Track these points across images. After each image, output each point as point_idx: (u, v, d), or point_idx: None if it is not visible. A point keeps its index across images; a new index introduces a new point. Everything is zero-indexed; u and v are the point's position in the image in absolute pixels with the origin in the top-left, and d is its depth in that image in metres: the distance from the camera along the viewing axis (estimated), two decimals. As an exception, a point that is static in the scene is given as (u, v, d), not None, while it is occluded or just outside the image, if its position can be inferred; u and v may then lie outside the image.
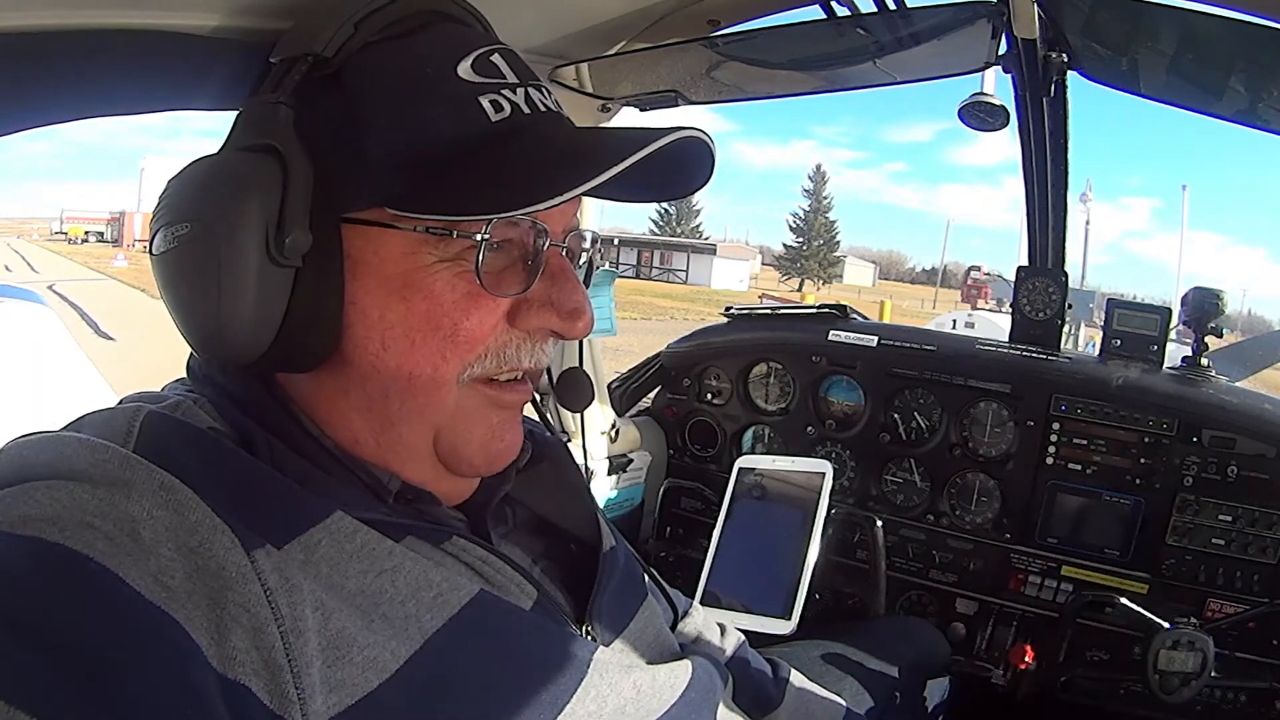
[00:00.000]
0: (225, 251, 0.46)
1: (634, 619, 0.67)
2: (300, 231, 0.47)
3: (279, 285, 0.48)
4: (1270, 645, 1.23)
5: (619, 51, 1.05)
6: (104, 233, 45.55)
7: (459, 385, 0.52)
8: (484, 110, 0.50)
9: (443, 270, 0.49)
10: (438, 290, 0.49)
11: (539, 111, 0.52)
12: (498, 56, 0.53)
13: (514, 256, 0.52)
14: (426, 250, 0.49)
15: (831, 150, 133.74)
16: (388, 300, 0.49)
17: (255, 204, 0.46)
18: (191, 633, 0.38)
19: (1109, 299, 1.61)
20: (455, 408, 0.52)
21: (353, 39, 0.50)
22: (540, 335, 0.54)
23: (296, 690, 0.40)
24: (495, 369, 0.53)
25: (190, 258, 0.47)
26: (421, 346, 0.50)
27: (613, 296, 1.37)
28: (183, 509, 0.41)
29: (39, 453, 0.43)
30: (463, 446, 0.54)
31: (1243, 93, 1.01)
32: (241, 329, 0.47)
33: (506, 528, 0.63)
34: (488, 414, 0.54)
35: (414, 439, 0.52)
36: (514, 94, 0.52)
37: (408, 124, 0.49)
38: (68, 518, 0.38)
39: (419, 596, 0.48)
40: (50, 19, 0.54)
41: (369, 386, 0.51)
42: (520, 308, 0.53)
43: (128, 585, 0.37)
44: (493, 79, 0.52)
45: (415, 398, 0.51)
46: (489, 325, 0.51)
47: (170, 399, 0.51)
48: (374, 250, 0.49)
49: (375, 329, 0.50)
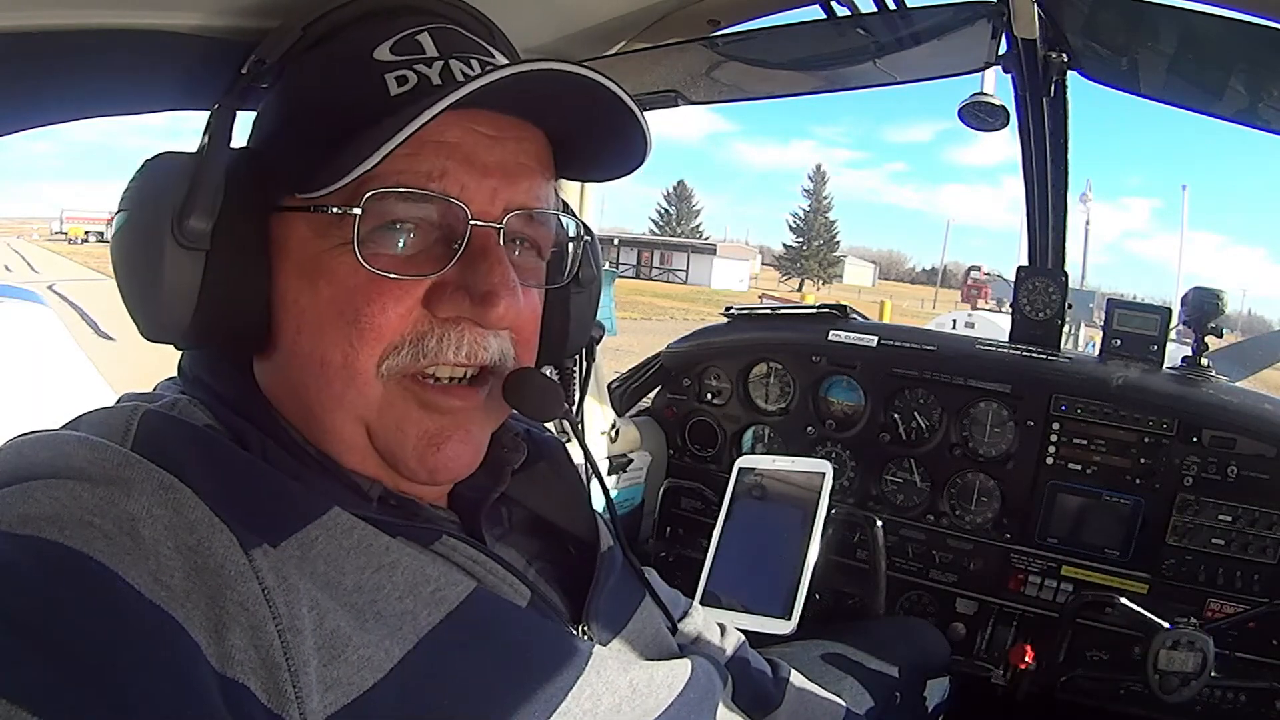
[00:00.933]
0: (139, 234, 0.49)
1: (632, 619, 0.67)
2: (199, 217, 0.48)
3: (187, 267, 0.49)
4: (1270, 645, 1.23)
5: (619, 51, 1.05)
6: (104, 233, 45.53)
7: (381, 379, 0.50)
8: (385, 86, 0.50)
9: (344, 254, 0.49)
10: (341, 274, 0.49)
11: (455, 81, 0.47)
12: (425, 35, 0.52)
13: (431, 238, 0.50)
14: (333, 233, 0.49)
15: (831, 150, 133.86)
16: (300, 285, 0.50)
17: (164, 192, 0.49)
18: (190, 631, 0.38)
19: (1109, 299, 1.61)
20: (381, 403, 0.50)
21: (299, 41, 0.54)
22: (466, 325, 0.51)
23: (294, 688, 0.40)
24: (414, 363, 0.50)
25: (120, 241, 0.51)
26: (330, 332, 0.49)
27: (613, 296, 1.37)
28: (182, 507, 0.42)
29: (38, 451, 0.43)
30: (396, 449, 0.51)
31: (1243, 93, 1.01)
32: (158, 306, 0.49)
33: (502, 529, 0.62)
34: (419, 417, 0.51)
35: (343, 430, 0.51)
36: (428, 67, 0.51)
37: (316, 111, 0.51)
38: (67, 516, 0.38)
39: (416, 592, 0.48)
40: (50, 19, 0.54)
41: (291, 371, 0.51)
42: (437, 293, 0.50)
43: (127, 584, 0.37)
44: (408, 55, 0.51)
45: (331, 385, 0.50)
46: (396, 312, 0.49)
47: (166, 398, 0.51)
48: (289, 235, 0.51)
49: (291, 313, 0.50)
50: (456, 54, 0.52)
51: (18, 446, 0.44)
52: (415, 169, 0.48)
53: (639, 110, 0.50)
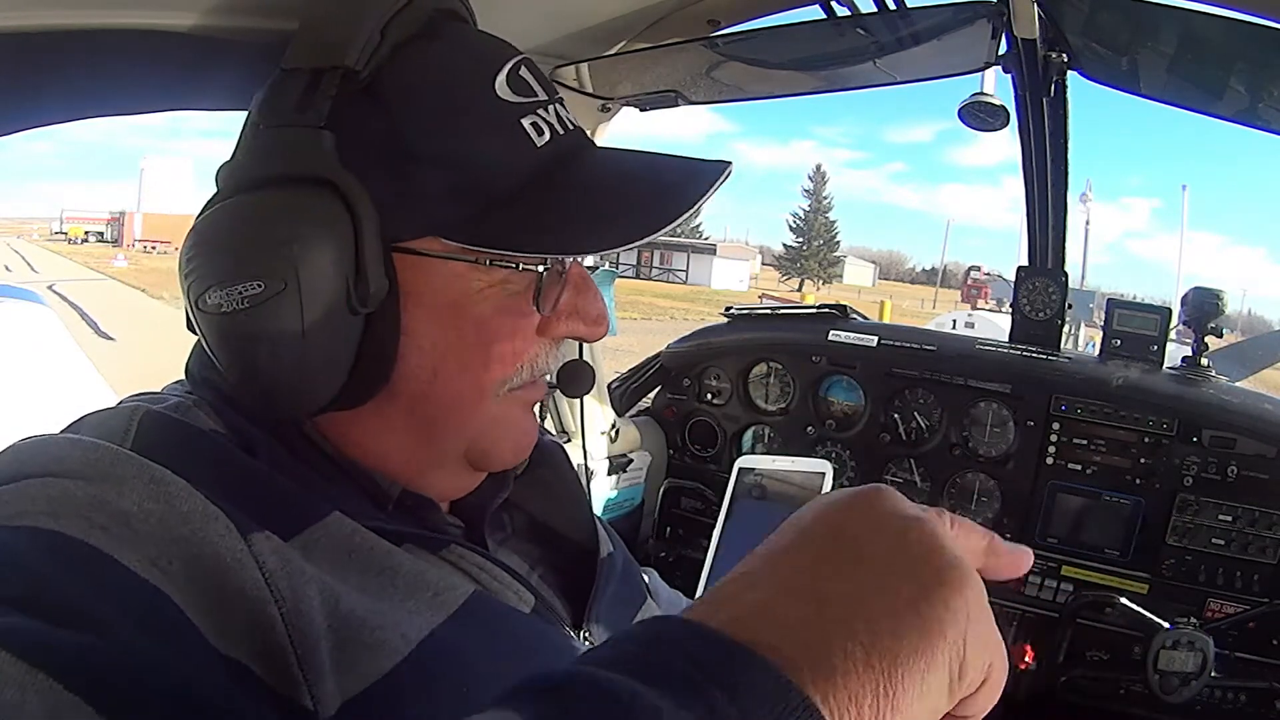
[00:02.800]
0: (309, 309, 0.45)
1: (632, 623, 0.67)
2: (379, 278, 0.46)
3: (355, 331, 0.47)
4: (1270, 645, 1.23)
5: (619, 51, 1.05)
6: (104, 233, 45.59)
7: (495, 400, 0.52)
8: (528, 135, 0.50)
9: (490, 294, 0.50)
10: (487, 315, 0.50)
11: (570, 131, 0.53)
12: (525, 70, 0.53)
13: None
14: (475, 276, 0.49)
15: (832, 150, 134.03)
16: (439, 329, 0.49)
17: (331, 253, 0.44)
18: (187, 612, 0.38)
19: (1109, 299, 1.61)
20: (492, 419, 0.53)
21: (380, 47, 0.48)
22: (563, 341, 0.56)
23: (302, 672, 0.40)
24: (529, 378, 0.54)
25: (267, 317, 0.45)
26: (470, 370, 0.51)
27: (613, 296, 1.37)
28: (174, 500, 0.41)
29: (34, 454, 0.43)
30: (495, 450, 0.55)
31: (1243, 93, 1.01)
32: (319, 382, 0.47)
33: (504, 534, 0.62)
34: (519, 416, 0.56)
35: (450, 451, 0.53)
36: (547, 113, 0.52)
37: (454, 149, 0.48)
38: (62, 510, 0.38)
39: (417, 596, 0.48)
40: (50, 19, 0.54)
41: (416, 412, 0.51)
42: (550, 318, 0.54)
43: (123, 565, 0.37)
44: (528, 98, 0.52)
45: (458, 415, 0.52)
46: (525, 341, 0.52)
47: (170, 400, 0.51)
48: (426, 280, 0.48)
49: (427, 358, 0.49)
50: (556, 98, 0.54)
51: (15, 450, 0.44)
52: None
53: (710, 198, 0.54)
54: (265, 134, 0.48)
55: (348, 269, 0.45)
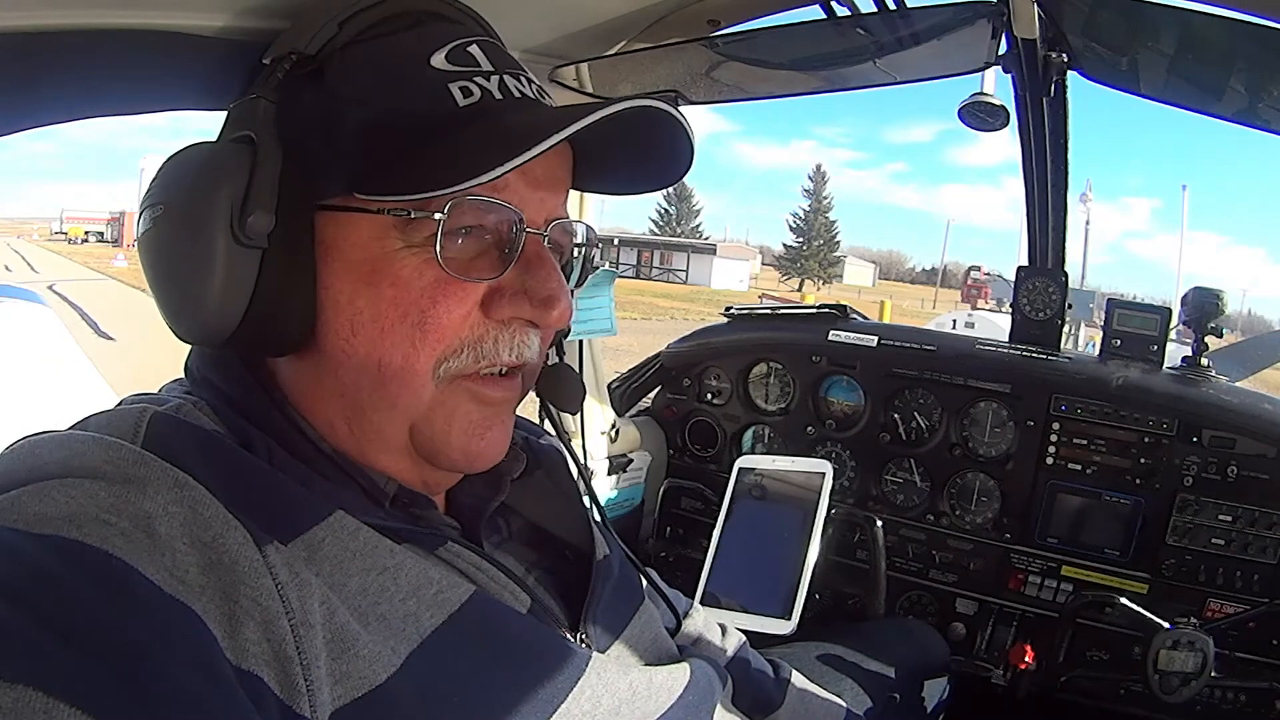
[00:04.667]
0: (190, 230, 0.48)
1: (630, 625, 0.67)
2: (262, 214, 0.47)
3: (244, 265, 0.48)
4: (1270, 645, 1.23)
5: (619, 51, 1.05)
6: (104, 233, 45.55)
7: (436, 380, 0.51)
8: (451, 95, 0.51)
9: (410, 256, 0.49)
10: (405, 276, 0.49)
11: (513, 98, 0.52)
12: (475, 47, 0.53)
13: (487, 243, 0.52)
14: (394, 235, 0.49)
15: (832, 150, 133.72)
16: (356, 286, 0.50)
17: (221, 185, 0.47)
18: (208, 623, 0.39)
19: (1109, 299, 1.61)
20: (433, 403, 0.52)
21: (336, 37, 0.52)
22: (517, 326, 0.53)
23: (305, 682, 0.41)
24: (473, 364, 0.52)
25: (162, 237, 0.49)
26: (391, 334, 0.49)
27: (613, 296, 1.37)
28: (197, 505, 0.42)
29: (52, 451, 0.43)
30: (440, 441, 0.53)
31: (1243, 93, 1.01)
32: (208, 306, 0.48)
33: (500, 537, 0.63)
34: (469, 409, 0.53)
35: (388, 429, 0.52)
36: (486, 81, 0.52)
37: (377, 111, 0.51)
38: (83, 515, 0.39)
39: (419, 594, 0.49)
40: (50, 19, 0.54)
41: (341, 373, 0.51)
42: (493, 297, 0.52)
43: (145, 578, 0.38)
44: (466, 67, 0.52)
45: (386, 386, 0.50)
46: (459, 314, 0.50)
47: (171, 401, 0.51)
48: (344, 236, 0.50)
49: (344, 314, 0.50)
50: (508, 70, 0.54)
51: (31, 446, 0.45)
52: None
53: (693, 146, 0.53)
54: (229, 110, 0.54)
55: (234, 203, 0.47)
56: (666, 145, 0.54)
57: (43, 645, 0.33)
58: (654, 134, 0.53)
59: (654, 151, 0.55)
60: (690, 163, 0.56)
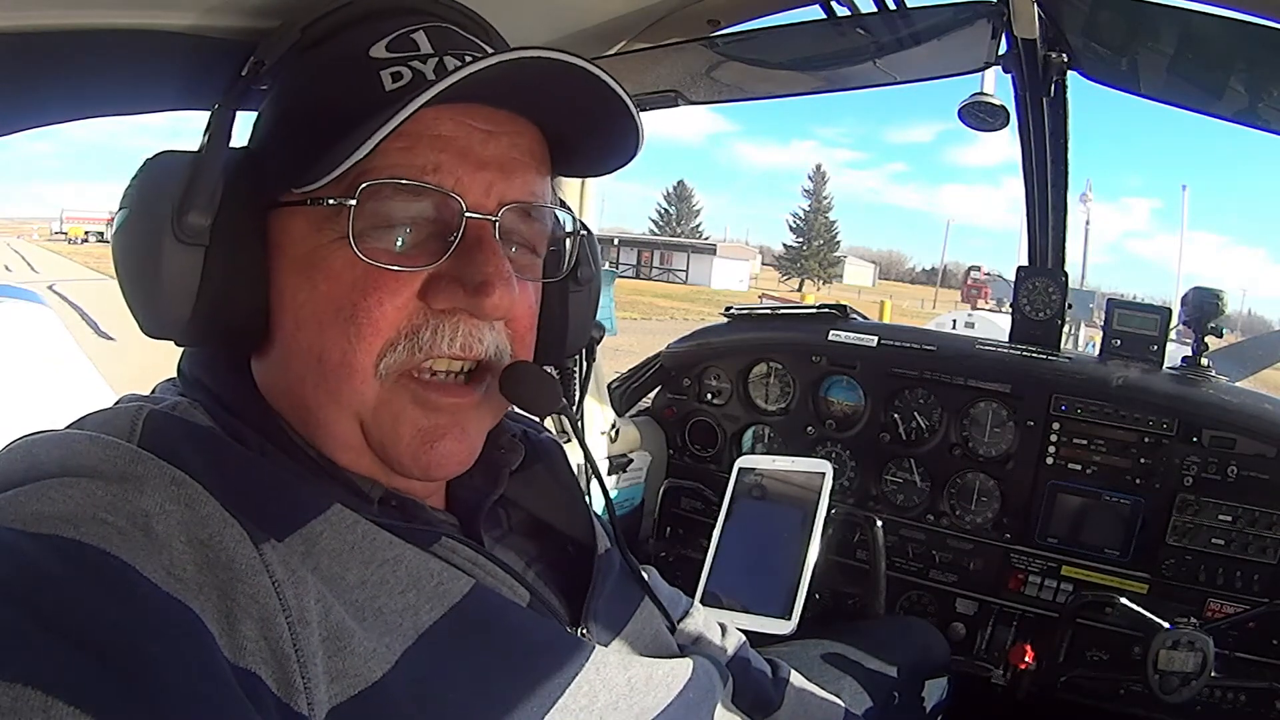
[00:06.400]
0: (140, 229, 0.50)
1: (631, 620, 0.67)
2: (198, 213, 0.48)
3: (186, 262, 0.49)
4: (1270, 645, 1.23)
5: (619, 51, 1.05)
6: (104, 233, 45.44)
7: (379, 377, 0.50)
8: (380, 81, 0.50)
9: (342, 248, 0.49)
10: (336, 268, 0.49)
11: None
12: (420, 33, 0.52)
13: (426, 231, 0.50)
14: (329, 227, 0.49)
15: (832, 150, 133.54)
16: (298, 281, 0.50)
17: (163, 188, 0.49)
18: (206, 621, 0.39)
19: (1109, 299, 1.61)
20: (378, 401, 0.50)
21: (298, 43, 0.54)
22: (461, 317, 0.50)
23: (302, 679, 0.41)
24: (411, 358, 0.50)
25: (122, 237, 0.51)
26: (329, 328, 0.49)
27: (613, 296, 1.37)
28: (194, 503, 0.42)
29: (49, 450, 0.43)
30: (390, 446, 0.51)
31: (1243, 93, 1.01)
32: (159, 300, 0.50)
33: (501, 530, 0.63)
34: (414, 414, 0.51)
35: (336, 427, 0.51)
36: (423, 64, 0.51)
37: (312, 107, 0.51)
38: (81, 514, 0.39)
39: (420, 586, 0.49)
40: (50, 19, 0.54)
41: (288, 368, 0.51)
42: (431, 286, 0.50)
43: (144, 577, 0.38)
44: (403, 53, 0.51)
45: (327, 381, 0.50)
46: (392, 306, 0.49)
47: (166, 400, 0.51)
48: (286, 231, 0.51)
49: (289, 309, 0.51)
50: (451, 50, 0.52)
51: (28, 445, 0.45)
52: (411, 163, 0.48)
53: (628, 98, 0.50)
54: None
55: (174, 205, 0.49)
56: (616, 121, 0.52)
57: (41, 644, 0.33)
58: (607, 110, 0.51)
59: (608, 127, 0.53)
60: (638, 136, 0.53)
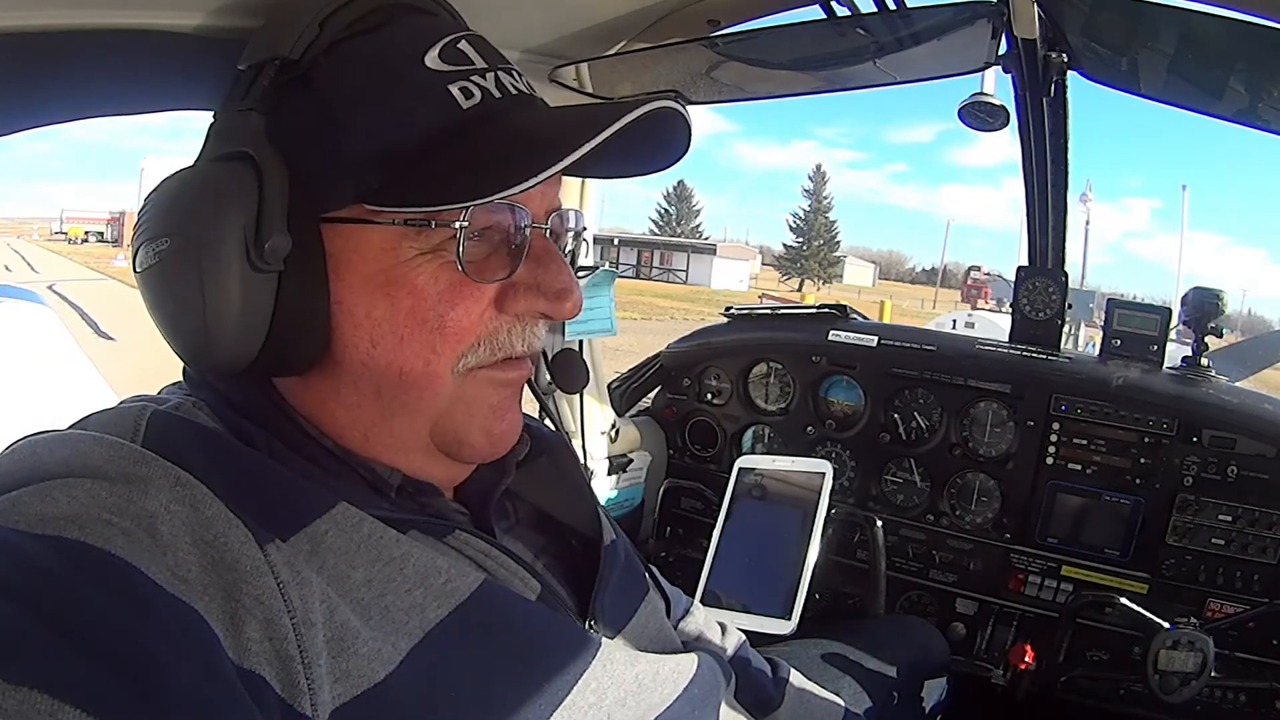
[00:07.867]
0: (206, 262, 0.46)
1: (636, 614, 0.67)
2: (279, 235, 0.46)
3: (263, 291, 0.47)
4: (1270, 645, 1.24)
5: (619, 51, 1.05)
6: (104, 233, 45.51)
7: (454, 377, 0.51)
8: (454, 98, 0.50)
9: (425, 263, 0.49)
10: (421, 284, 0.49)
11: (510, 95, 0.52)
12: (465, 43, 0.53)
13: (496, 242, 0.52)
14: (407, 244, 0.49)
15: (832, 150, 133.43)
16: (373, 297, 0.49)
17: (231, 212, 0.46)
18: (210, 623, 0.39)
19: (1109, 299, 1.61)
20: (453, 399, 0.52)
21: (319, 39, 0.50)
22: (529, 318, 0.54)
23: (307, 680, 0.41)
24: (490, 357, 0.52)
25: (172, 271, 0.47)
26: (410, 342, 0.49)
27: (613, 296, 1.37)
28: (198, 504, 0.42)
29: (53, 450, 0.43)
30: (464, 433, 0.54)
31: (1243, 93, 1.01)
32: (229, 338, 0.47)
33: (509, 522, 0.63)
34: (488, 393, 0.54)
35: (409, 433, 0.52)
36: (484, 79, 0.52)
37: (378, 118, 0.49)
38: (85, 515, 0.39)
39: (427, 584, 0.49)
40: (50, 19, 0.54)
41: (361, 384, 0.51)
42: (507, 293, 0.52)
43: (148, 578, 0.38)
44: (461, 66, 0.51)
45: (408, 392, 0.51)
46: (476, 314, 0.51)
47: (170, 400, 0.51)
48: (355, 248, 0.49)
49: (363, 328, 0.50)
50: (499, 66, 0.53)
51: (31, 446, 0.45)
52: None
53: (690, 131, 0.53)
54: (214, 123, 0.52)
55: (247, 228, 0.46)
56: (664, 137, 0.54)
57: (46, 646, 0.33)
58: (654, 128, 0.53)
59: (647, 142, 0.55)
60: (684, 153, 0.56)
